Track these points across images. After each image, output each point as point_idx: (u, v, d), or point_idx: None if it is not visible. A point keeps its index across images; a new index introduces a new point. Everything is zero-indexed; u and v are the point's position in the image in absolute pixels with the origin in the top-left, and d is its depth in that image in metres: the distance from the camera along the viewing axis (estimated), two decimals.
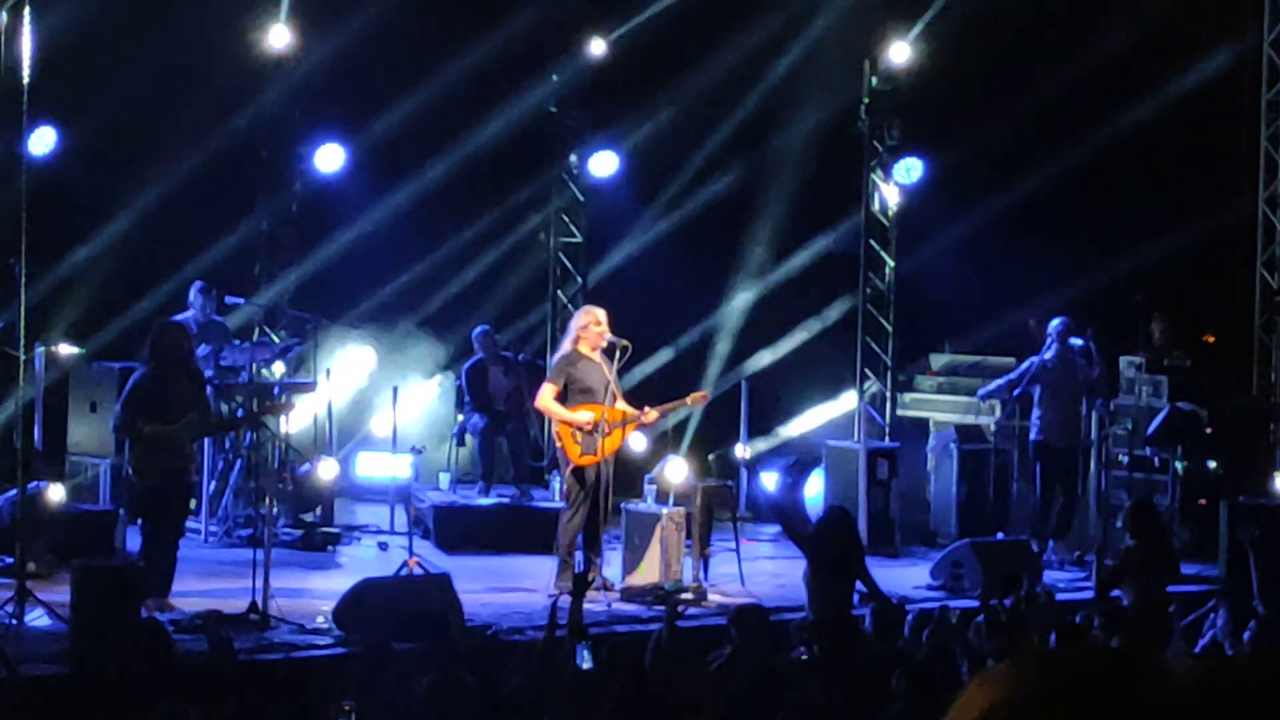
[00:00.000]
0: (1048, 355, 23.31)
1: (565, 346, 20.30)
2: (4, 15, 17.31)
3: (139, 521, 18.71)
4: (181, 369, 18.65)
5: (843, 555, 18.60)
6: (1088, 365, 23.49)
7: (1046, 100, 26.87)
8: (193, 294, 22.94)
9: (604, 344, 19.93)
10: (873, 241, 25.19)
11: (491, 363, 24.71)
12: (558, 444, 20.17)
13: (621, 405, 19.93)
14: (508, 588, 19.81)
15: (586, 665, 14.50)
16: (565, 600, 15.52)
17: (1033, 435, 23.53)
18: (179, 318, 21.73)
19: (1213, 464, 24.53)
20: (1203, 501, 23.98)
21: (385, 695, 13.76)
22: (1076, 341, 23.72)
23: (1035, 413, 23.41)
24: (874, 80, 24.85)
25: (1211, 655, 16.07)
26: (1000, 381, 23.89)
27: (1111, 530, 21.99)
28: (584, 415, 19.66)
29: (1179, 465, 24.38)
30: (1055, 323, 23.41)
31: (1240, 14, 26.33)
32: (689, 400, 21.04)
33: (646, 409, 20.13)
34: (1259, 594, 19.11)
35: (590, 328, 20.06)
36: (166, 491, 18.39)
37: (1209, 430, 24.63)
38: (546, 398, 19.96)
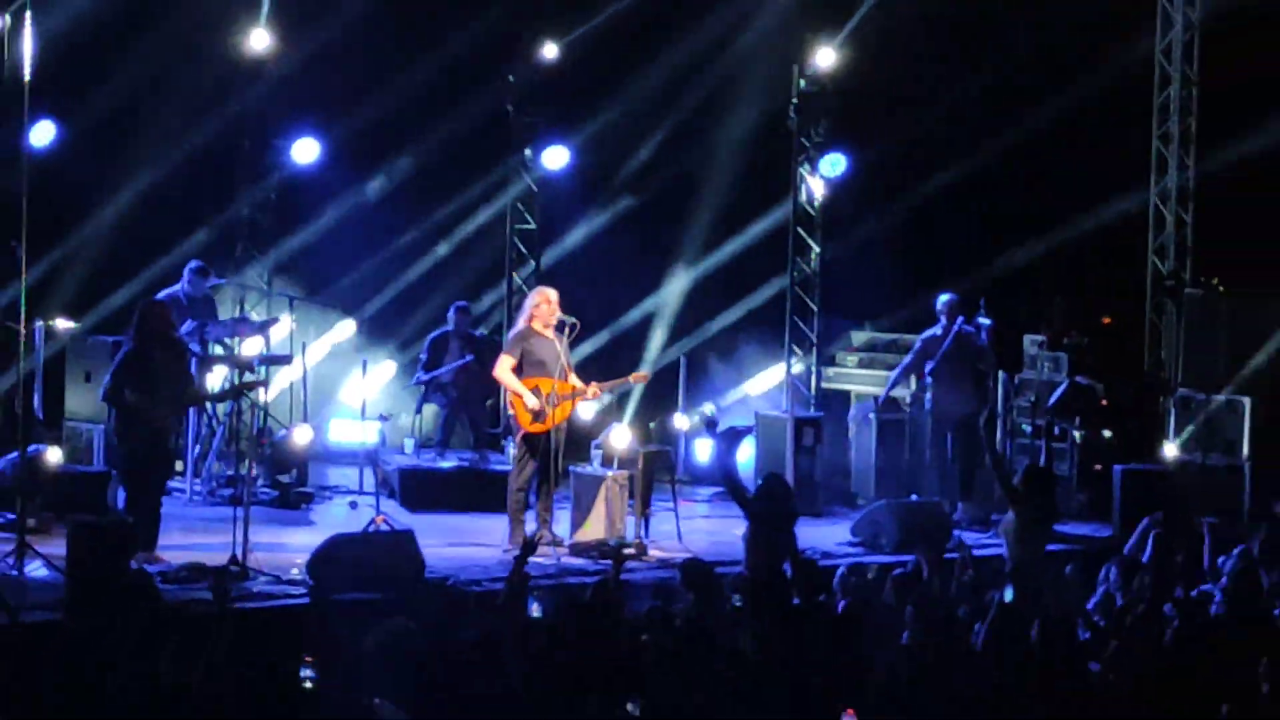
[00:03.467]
0: (937, 330, 23.37)
1: (520, 323, 20.34)
2: (7, 18, 17.26)
3: (125, 482, 18.74)
4: (165, 343, 18.64)
5: (779, 518, 18.69)
6: (977, 336, 23.50)
7: (960, 100, 27.00)
8: (186, 272, 22.92)
9: (555, 321, 19.99)
10: (800, 229, 25.24)
11: (456, 336, 24.76)
12: (510, 412, 20.21)
13: (572, 379, 19.99)
14: (465, 543, 19.86)
15: (536, 614, 14.60)
16: (525, 557, 15.58)
17: (927, 404, 23.65)
18: (166, 292, 21.77)
19: (1107, 433, 24.65)
20: (1098, 467, 24.10)
21: (340, 648, 13.79)
22: (985, 321, 23.80)
23: (928, 382, 23.51)
24: (802, 83, 24.88)
25: (1104, 606, 16.11)
26: (897, 371, 23.92)
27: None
28: (532, 399, 19.73)
29: (1077, 434, 24.49)
30: (944, 299, 23.40)
31: (1136, 25, 26.44)
32: (631, 379, 21.09)
33: (593, 384, 20.21)
34: (1141, 548, 19.15)
35: (542, 306, 20.11)
36: (147, 455, 18.41)
37: (1104, 402, 24.74)
38: (503, 369, 20.00)
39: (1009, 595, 16.14)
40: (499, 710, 12.33)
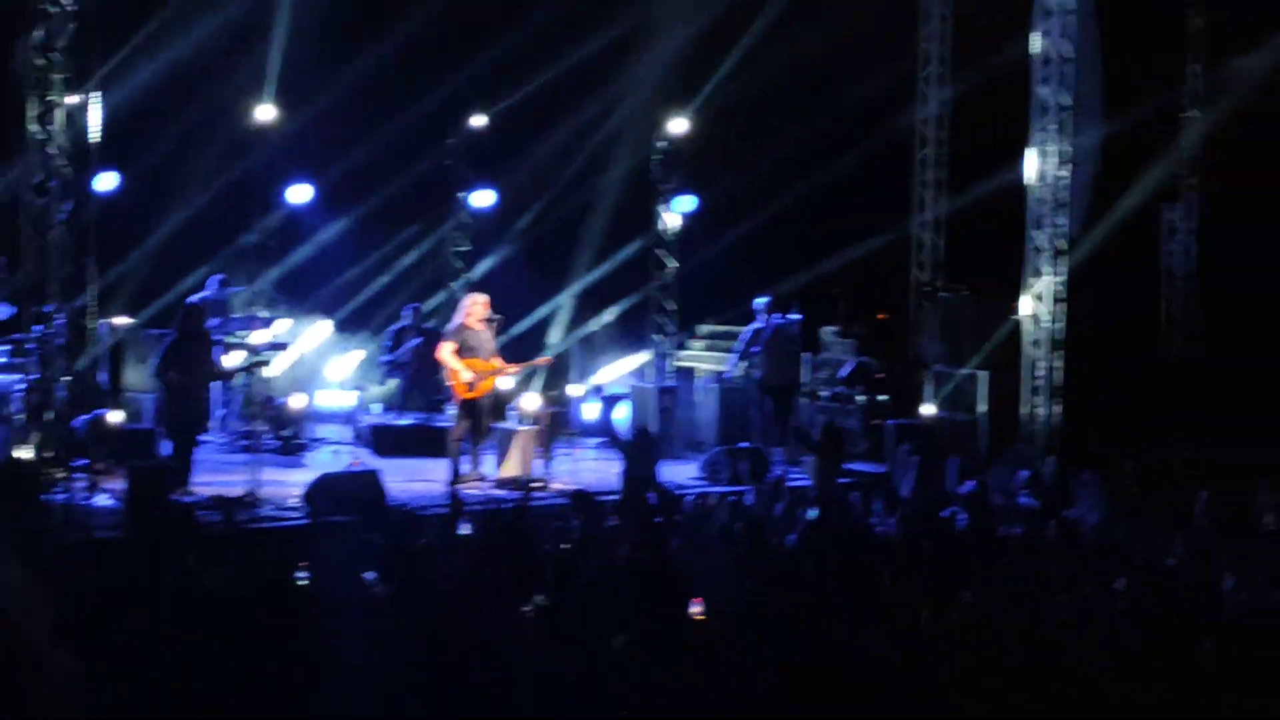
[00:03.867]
0: (759, 325, 23.50)
1: (457, 319, 20.31)
2: (81, 96, 17.16)
3: (169, 437, 18.72)
4: (197, 335, 18.63)
5: (646, 460, 18.77)
6: (789, 327, 23.64)
7: (778, 155, 27.09)
8: (212, 282, 22.92)
9: (484, 318, 20.02)
10: (659, 251, 25.29)
11: (410, 329, 24.71)
12: (450, 384, 20.22)
13: (496, 361, 20.01)
14: (418, 479, 19.79)
15: (467, 531, 14.64)
16: (460, 489, 15.62)
17: (755, 377, 23.75)
18: (196, 298, 21.68)
19: (883, 398, 24.78)
20: (876, 422, 24.21)
21: (329, 557, 13.80)
22: (795, 316, 23.89)
23: (756, 362, 23.62)
24: (662, 143, 24.93)
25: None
26: (734, 355, 24.01)
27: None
28: (466, 375, 19.73)
29: (861, 399, 24.61)
30: (763, 300, 23.54)
31: (904, 102, 26.62)
32: (538, 361, 21.14)
33: (510, 366, 20.24)
34: (905, 481, 19.33)
35: (475, 307, 20.11)
36: (184, 417, 18.41)
37: (880, 376, 24.87)
38: (445, 352, 19.98)
39: (813, 514, 16.29)
40: (438, 596, 12.37)
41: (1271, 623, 12.14)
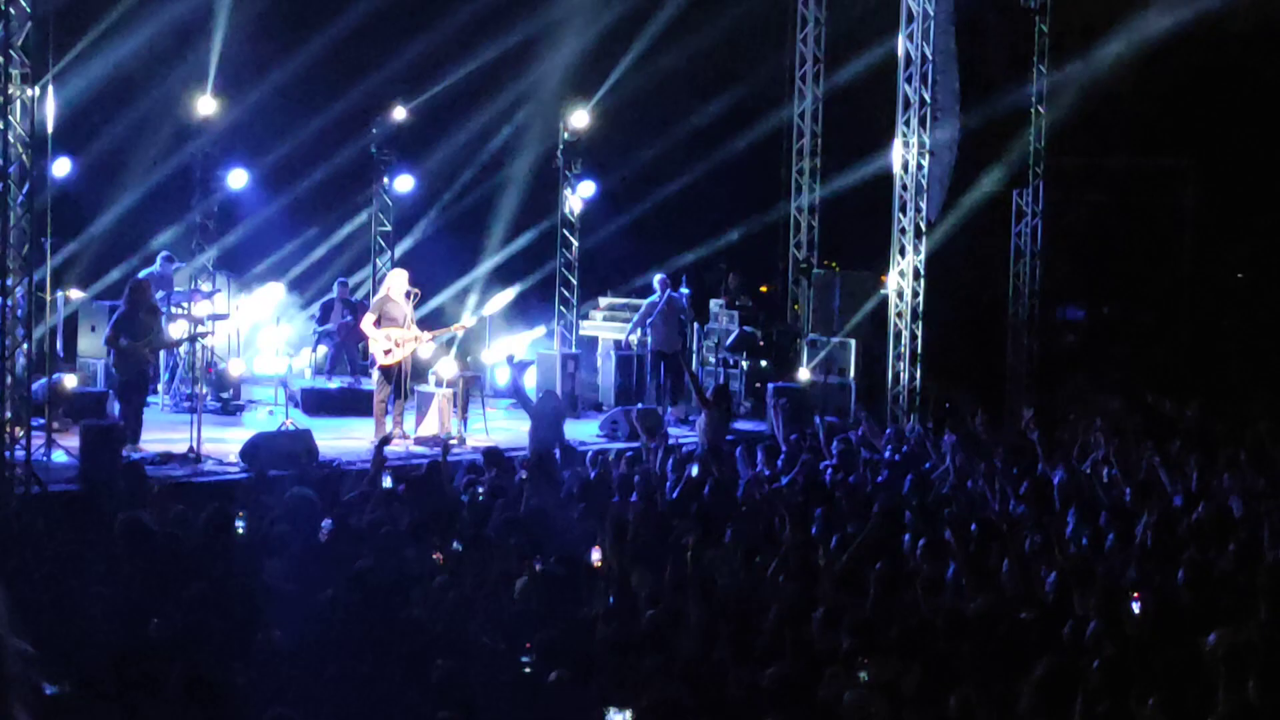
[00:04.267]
0: (656, 298, 23.70)
1: (380, 293, 20.43)
2: (38, 89, 17.10)
3: (119, 398, 18.71)
4: (145, 307, 18.63)
5: (552, 419, 18.93)
6: (681, 301, 23.86)
7: (668, 145, 27.28)
8: (159, 259, 22.87)
9: (404, 291, 20.12)
10: (565, 231, 25.44)
11: (338, 300, 24.78)
12: (371, 350, 20.33)
13: (414, 330, 20.12)
14: (346, 438, 19.89)
15: (389, 484, 14.77)
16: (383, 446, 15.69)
17: (650, 346, 23.95)
18: (145, 273, 21.67)
19: (764, 363, 25.03)
20: (759, 385, 24.47)
21: (263, 507, 13.92)
22: (685, 290, 24.12)
23: (650, 331, 23.80)
24: (565, 134, 25.07)
25: (760, 477, 16.34)
26: (635, 321, 24.21)
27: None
28: (384, 343, 19.84)
29: (745, 364, 24.86)
30: (659, 277, 23.81)
31: (780, 96, 26.84)
32: (455, 328, 21.24)
33: (427, 333, 20.36)
34: (783, 438, 19.55)
35: (395, 282, 20.25)
36: (134, 380, 18.41)
37: (762, 343, 25.13)
38: (367, 323, 20.09)
39: (695, 470, 16.55)
40: (364, 540, 12.52)
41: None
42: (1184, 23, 24.18)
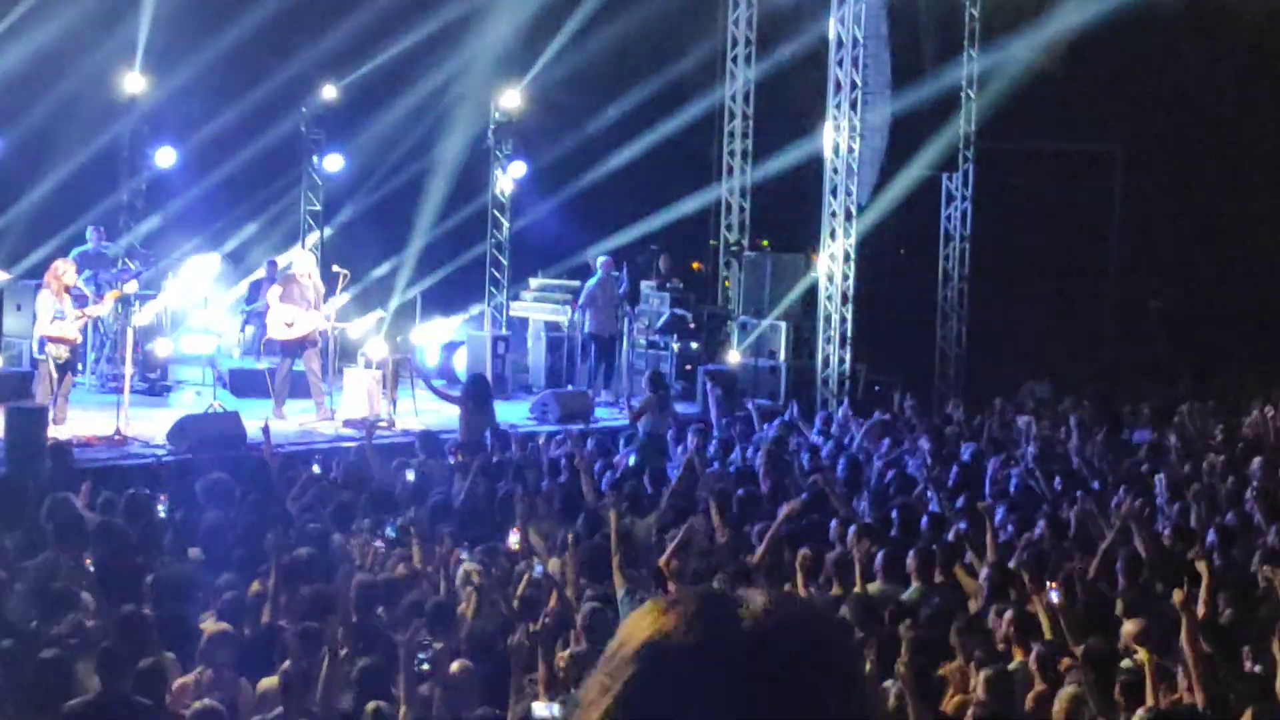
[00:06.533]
0: (593, 281, 23.75)
1: (289, 272, 20.61)
2: None
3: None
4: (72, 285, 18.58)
5: (482, 401, 18.95)
6: (616, 283, 23.91)
7: (600, 126, 27.33)
8: (89, 232, 22.78)
9: (308, 273, 20.16)
10: (495, 212, 25.50)
11: (268, 280, 24.68)
12: (269, 322, 20.53)
13: (321, 310, 20.15)
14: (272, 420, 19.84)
15: (317, 470, 14.75)
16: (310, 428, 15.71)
17: (585, 329, 24.00)
18: (77, 251, 21.60)
19: (695, 345, 25.11)
20: (689, 367, 24.56)
21: (186, 491, 13.92)
22: (617, 273, 24.16)
23: (588, 314, 23.84)
24: (496, 114, 25.11)
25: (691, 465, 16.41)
26: (580, 308, 24.15)
27: (636, 385, 22.48)
28: (287, 316, 19.92)
29: (675, 346, 24.93)
30: (602, 259, 23.86)
31: (713, 78, 26.95)
32: (338, 295, 21.14)
33: (329, 317, 20.43)
34: (716, 422, 19.68)
35: (301, 266, 20.40)
36: (60, 361, 18.36)
37: (693, 325, 25.21)
38: (272, 295, 20.25)
39: (633, 460, 16.66)
40: (290, 523, 12.56)
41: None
42: (1112, 8, 24.36)
